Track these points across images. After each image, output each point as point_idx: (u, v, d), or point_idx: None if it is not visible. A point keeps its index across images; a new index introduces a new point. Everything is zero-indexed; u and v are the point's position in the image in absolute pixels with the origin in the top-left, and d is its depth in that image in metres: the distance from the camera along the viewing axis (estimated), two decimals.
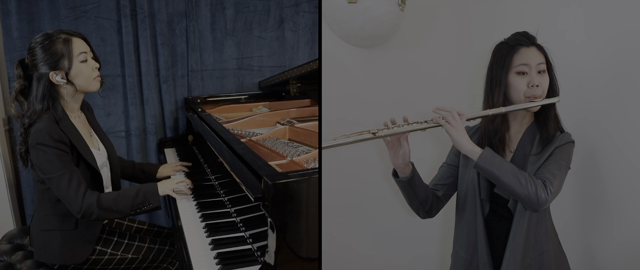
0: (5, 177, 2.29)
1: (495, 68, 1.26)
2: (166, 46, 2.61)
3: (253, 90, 2.89)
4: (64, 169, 1.43)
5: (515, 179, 1.13)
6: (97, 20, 2.43)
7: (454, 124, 1.18)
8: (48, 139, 1.41)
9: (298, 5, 2.87)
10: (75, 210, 1.45)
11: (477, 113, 1.25)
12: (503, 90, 1.24)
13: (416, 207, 1.37)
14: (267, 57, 2.90)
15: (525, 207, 1.19)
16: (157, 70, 2.61)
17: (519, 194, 1.14)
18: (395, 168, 1.32)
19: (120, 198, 1.50)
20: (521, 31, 1.28)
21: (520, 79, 1.23)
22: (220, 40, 2.77)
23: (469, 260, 1.33)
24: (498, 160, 1.16)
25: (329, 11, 1.66)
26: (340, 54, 1.73)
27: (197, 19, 2.68)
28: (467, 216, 1.33)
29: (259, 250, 1.32)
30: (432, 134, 1.35)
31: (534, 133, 1.27)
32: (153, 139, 2.62)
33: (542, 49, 1.26)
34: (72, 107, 1.57)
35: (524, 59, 1.23)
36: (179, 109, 2.74)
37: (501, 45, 1.28)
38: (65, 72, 1.48)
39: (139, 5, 2.45)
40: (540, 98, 1.23)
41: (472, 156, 1.17)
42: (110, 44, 2.47)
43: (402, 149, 1.26)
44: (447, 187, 1.40)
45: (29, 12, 2.32)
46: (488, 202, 1.29)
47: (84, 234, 1.56)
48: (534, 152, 1.24)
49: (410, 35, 1.77)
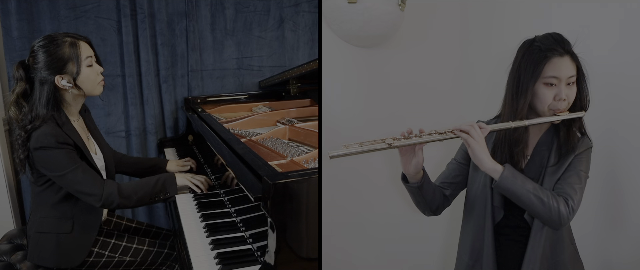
0: (5, 178, 2.29)
1: (523, 74, 1.17)
2: (166, 46, 2.61)
3: (253, 90, 2.89)
4: (75, 164, 1.44)
5: (537, 198, 1.09)
6: (97, 20, 2.43)
7: (476, 137, 1.12)
8: (53, 141, 1.41)
9: (298, 5, 2.87)
10: (95, 199, 1.45)
11: (499, 125, 1.17)
12: (529, 99, 1.17)
13: (423, 208, 1.32)
14: (267, 57, 2.90)
15: (545, 224, 1.15)
16: (157, 70, 2.61)
17: (541, 214, 1.10)
18: (405, 174, 1.25)
19: (140, 186, 1.53)
20: (555, 33, 1.18)
21: (547, 91, 1.15)
22: (220, 40, 2.77)
23: (471, 266, 1.29)
24: (520, 180, 1.11)
25: (329, 11, 1.66)
26: (340, 54, 1.73)
27: (197, 19, 2.68)
28: (476, 221, 1.28)
29: (259, 250, 1.32)
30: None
31: (551, 140, 1.21)
32: (153, 139, 2.62)
33: (576, 58, 1.17)
34: (73, 111, 1.56)
35: (555, 70, 1.14)
36: (179, 109, 2.74)
37: (532, 48, 1.17)
38: (73, 77, 1.46)
39: (139, 5, 2.45)
40: (564, 111, 1.17)
41: (494, 175, 1.11)
42: (110, 44, 2.47)
43: (416, 158, 1.19)
44: (455, 186, 1.34)
45: (29, 12, 2.32)
46: (502, 209, 1.24)
47: (79, 237, 1.55)
48: (551, 163, 1.19)
49: (411, 36, 1.77)
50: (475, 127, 1.13)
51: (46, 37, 1.47)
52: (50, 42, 1.45)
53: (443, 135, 1.15)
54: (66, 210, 1.53)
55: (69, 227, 1.53)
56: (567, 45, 1.16)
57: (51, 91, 1.45)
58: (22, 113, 1.45)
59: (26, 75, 1.47)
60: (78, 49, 1.47)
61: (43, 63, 1.44)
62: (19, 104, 1.46)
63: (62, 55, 1.45)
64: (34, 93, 1.46)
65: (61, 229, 1.53)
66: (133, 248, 1.64)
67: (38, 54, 1.45)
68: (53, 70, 1.44)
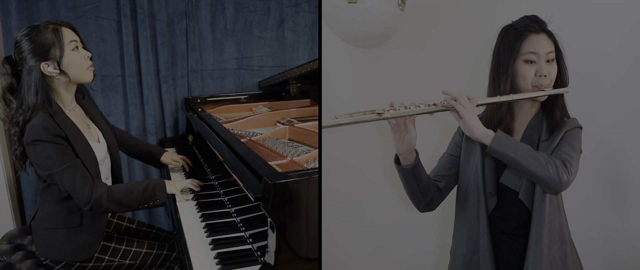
0: (5, 177, 2.29)
1: (503, 54, 1.21)
2: (166, 46, 2.61)
3: (253, 90, 2.89)
4: (65, 163, 1.41)
5: (535, 160, 1.09)
6: (97, 20, 2.43)
7: (465, 105, 1.12)
8: (44, 134, 1.38)
9: (298, 5, 2.87)
10: (83, 202, 1.43)
11: (487, 99, 1.20)
12: (510, 78, 1.20)
13: (417, 198, 1.30)
14: (267, 57, 2.90)
15: (545, 190, 1.15)
16: (157, 70, 2.61)
17: (541, 175, 1.09)
18: (398, 154, 1.23)
19: (130, 191, 1.50)
20: (530, 15, 1.23)
21: (528, 68, 1.19)
22: (220, 40, 2.77)
23: (469, 258, 1.28)
24: (514, 142, 1.11)
25: (329, 11, 1.66)
26: (340, 54, 1.73)
27: (197, 19, 2.68)
28: (469, 211, 1.28)
29: (259, 250, 1.32)
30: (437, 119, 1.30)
31: (540, 121, 1.24)
32: (153, 139, 2.62)
33: (552, 36, 1.22)
34: (66, 100, 1.52)
35: (533, 46, 1.19)
36: (179, 109, 2.74)
37: (509, 29, 1.23)
38: (57, 62, 1.43)
39: (139, 5, 2.45)
40: (548, 87, 1.20)
41: (486, 140, 1.11)
42: (110, 44, 2.47)
43: (408, 134, 1.18)
44: (449, 179, 1.34)
45: (29, 12, 2.32)
46: (495, 196, 1.24)
47: (90, 229, 1.54)
48: (543, 139, 1.20)
49: (410, 35, 1.77)
50: (464, 96, 1.14)
51: (28, 27, 1.45)
52: (32, 30, 1.44)
53: (432, 107, 1.16)
54: (72, 205, 1.51)
55: (77, 221, 1.52)
56: (542, 24, 1.21)
57: (39, 79, 1.42)
58: (11, 108, 1.43)
59: (12, 70, 1.45)
60: (60, 33, 1.44)
61: (27, 51, 1.42)
62: (6, 99, 1.44)
63: (45, 41, 1.42)
64: (21, 86, 1.43)
65: (70, 223, 1.52)
66: (133, 251, 1.63)
67: (21, 43, 1.43)
68: (38, 57, 1.42)
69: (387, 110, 1.15)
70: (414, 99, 1.67)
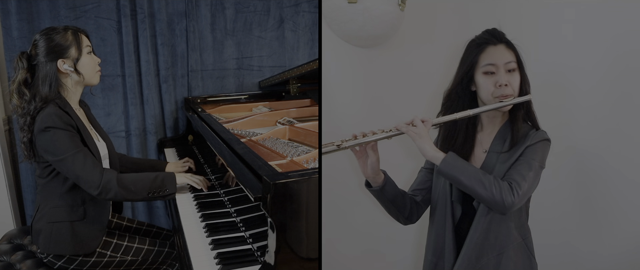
0: (5, 177, 2.29)
1: (463, 67, 1.25)
2: (166, 46, 2.61)
3: (253, 90, 2.89)
4: (76, 148, 1.47)
5: (479, 182, 1.12)
6: (97, 20, 2.43)
7: (417, 130, 1.18)
8: (58, 121, 1.45)
9: (298, 5, 2.87)
10: (93, 186, 1.46)
11: (440, 119, 1.24)
12: (469, 90, 1.25)
13: (395, 215, 1.36)
14: (267, 57, 2.90)
15: (492, 209, 1.18)
16: (157, 70, 2.61)
17: (484, 197, 1.12)
18: (366, 178, 1.30)
19: (139, 179, 1.54)
20: (490, 28, 1.26)
21: (487, 79, 1.21)
22: (220, 40, 2.77)
23: (435, 263, 1.32)
24: (461, 164, 1.15)
25: (329, 11, 1.66)
26: (340, 54, 1.74)
27: (197, 19, 2.68)
28: (437, 219, 1.32)
29: (259, 250, 1.32)
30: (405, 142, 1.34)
31: (506, 132, 1.25)
32: (153, 139, 2.62)
33: (511, 46, 1.23)
34: (73, 99, 1.60)
35: (490, 58, 1.21)
36: (179, 109, 2.74)
37: (470, 43, 1.26)
38: (74, 61, 1.53)
39: (139, 5, 2.45)
40: (510, 97, 1.20)
41: (435, 161, 1.16)
42: (110, 44, 2.47)
43: (370, 158, 1.25)
44: (426, 192, 1.38)
45: (29, 12, 2.32)
46: (459, 205, 1.28)
47: (93, 222, 1.57)
48: (504, 150, 1.22)
49: (411, 35, 1.77)
50: (416, 120, 1.20)
51: (48, 28, 1.56)
52: (51, 31, 1.54)
53: (388, 133, 1.22)
54: (76, 197, 1.55)
55: (81, 214, 1.55)
56: (500, 35, 1.23)
57: (54, 74, 1.51)
58: (24, 100, 1.50)
59: (28, 64, 1.53)
60: (80, 37, 1.56)
61: (45, 49, 1.51)
62: (20, 92, 1.51)
63: (64, 41, 1.53)
64: (35, 79, 1.52)
65: (74, 216, 1.54)
66: (134, 247, 1.64)
67: (40, 41, 1.52)
68: (55, 55, 1.52)
69: (347, 140, 1.22)
70: (413, 99, 1.69)
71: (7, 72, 2.33)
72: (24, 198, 2.45)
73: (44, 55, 1.50)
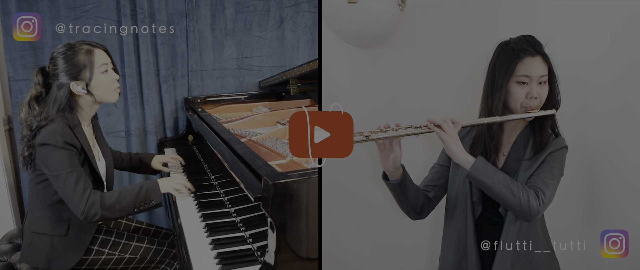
0: (6, 177, 2.29)
1: (498, 73, 1.24)
2: (166, 46, 2.61)
3: (253, 90, 2.89)
4: (72, 168, 1.44)
5: (507, 189, 1.13)
6: (97, 20, 2.43)
7: (448, 131, 1.18)
8: (59, 140, 1.43)
9: (298, 5, 2.87)
10: (79, 211, 1.44)
11: (472, 121, 1.24)
12: (503, 97, 1.23)
13: (407, 209, 1.36)
14: (267, 57, 2.90)
15: (517, 216, 1.19)
16: (157, 70, 2.61)
17: (511, 204, 1.14)
18: (385, 171, 1.30)
19: (123, 196, 1.49)
20: (528, 36, 1.25)
21: (519, 89, 1.22)
22: (220, 40, 2.77)
23: (457, 262, 1.33)
24: (491, 170, 1.16)
25: (329, 11, 1.66)
26: (340, 54, 1.73)
27: (197, 19, 2.68)
28: (458, 218, 1.32)
29: (259, 250, 1.32)
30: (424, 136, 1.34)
31: (527, 137, 1.26)
32: (153, 139, 2.62)
33: (547, 59, 1.24)
34: (86, 116, 1.59)
35: (526, 69, 1.21)
36: (179, 109, 2.74)
37: (506, 49, 1.25)
38: (85, 83, 1.51)
39: (139, 5, 2.45)
40: (536, 109, 1.22)
41: (465, 166, 1.17)
42: (110, 43, 2.46)
43: (394, 153, 1.24)
44: (438, 189, 1.39)
45: (29, 12, 2.32)
46: (480, 205, 1.29)
47: (74, 241, 1.55)
48: (526, 157, 1.24)
49: (411, 35, 1.77)
50: (448, 121, 1.19)
51: (65, 45, 1.53)
52: (68, 49, 1.51)
53: (418, 130, 1.21)
54: (62, 212, 1.53)
55: (64, 230, 1.54)
56: (538, 46, 1.23)
57: (66, 96, 1.50)
58: (32, 114, 1.50)
59: (44, 80, 1.53)
60: (93, 56, 1.53)
61: (61, 69, 1.50)
62: (31, 106, 1.51)
63: (78, 62, 1.51)
64: (49, 96, 1.51)
65: (56, 231, 1.53)
66: (133, 246, 1.64)
67: (57, 60, 1.51)
68: (70, 77, 1.50)
69: (375, 132, 1.21)
70: (415, 99, 1.68)
71: (7, 72, 2.33)
72: (24, 198, 2.45)
73: (59, 76, 1.50)
